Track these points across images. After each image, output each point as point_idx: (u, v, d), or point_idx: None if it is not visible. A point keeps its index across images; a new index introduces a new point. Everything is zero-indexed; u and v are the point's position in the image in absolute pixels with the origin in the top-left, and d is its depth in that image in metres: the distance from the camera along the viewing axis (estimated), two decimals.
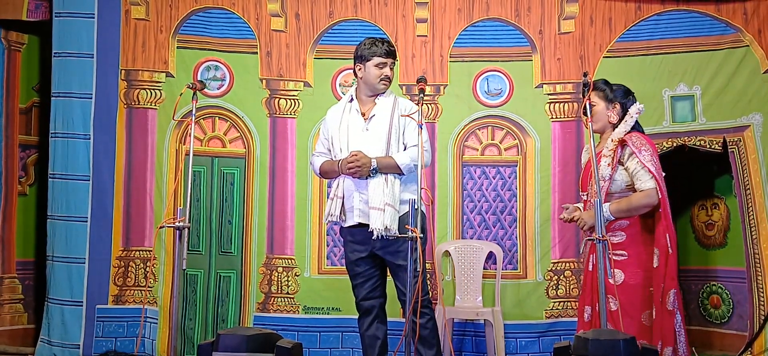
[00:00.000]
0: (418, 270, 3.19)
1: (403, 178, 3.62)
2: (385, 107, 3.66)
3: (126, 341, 4.70)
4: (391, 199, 3.55)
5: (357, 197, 3.61)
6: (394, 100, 3.69)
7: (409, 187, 3.63)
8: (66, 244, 4.68)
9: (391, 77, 3.70)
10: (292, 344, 2.82)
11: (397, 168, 3.57)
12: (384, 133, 3.61)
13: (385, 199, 3.53)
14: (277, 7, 4.93)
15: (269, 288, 4.81)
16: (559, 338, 4.54)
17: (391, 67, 3.69)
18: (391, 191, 3.56)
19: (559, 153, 4.79)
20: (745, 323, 4.45)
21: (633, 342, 2.67)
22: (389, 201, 3.54)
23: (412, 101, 3.66)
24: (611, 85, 3.54)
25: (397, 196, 3.57)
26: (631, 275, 3.35)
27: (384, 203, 3.53)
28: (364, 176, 3.57)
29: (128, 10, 4.86)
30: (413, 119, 3.52)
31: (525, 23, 4.88)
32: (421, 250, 3.46)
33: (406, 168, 3.58)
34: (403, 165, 3.57)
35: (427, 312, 3.56)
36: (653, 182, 3.32)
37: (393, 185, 3.57)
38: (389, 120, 3.62)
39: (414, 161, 3.52)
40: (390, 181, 3.57)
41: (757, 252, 4.37)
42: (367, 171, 3.56)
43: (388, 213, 3.52)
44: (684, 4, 4.70)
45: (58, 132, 4.75)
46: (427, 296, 3.59)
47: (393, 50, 3.72)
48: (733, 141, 4.52)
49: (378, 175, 3.57)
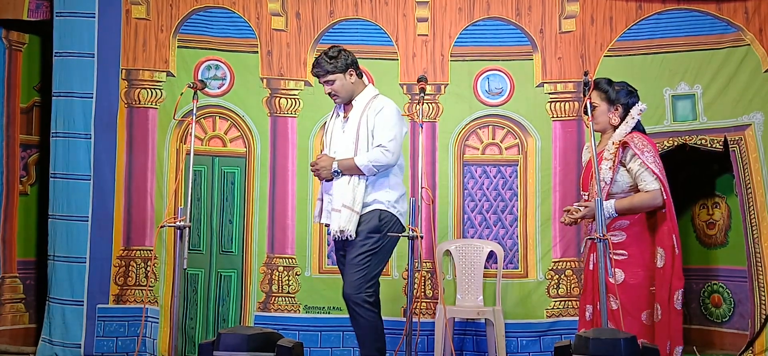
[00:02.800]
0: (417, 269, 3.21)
1: (371, 180, 3.61)
2: (358, 108, 3.68)
3: (127, 340, 4.70)
4: (350, 201, 3.55)
5: (327, 198, 3.70)
6: (369, 100, 3.68)
7: (378, 189, 3.62)
8: (67, 243, 4.68)
9: (334, 92, 3.69)
10: (293, 343, 2.82)
11: (357, 169, 3.57)
12: (354, 133, 3.63)
13: (343, 201, 3.56)
14: (278, 7, 4.93)
15: (270, 287, 4.81)
16: (560, 337, 4.54)
17: (328, 82, 3.68)
18: (352, 192, 3.56)
19: (560, 152, 4.79)
20: (746, 322, 4.45)
21: (634, 341, 2.67)
22: (347, 203, 3.55)
23: (414, 101, 3.67)
24: (614, 85, 3.52)
25: (359, 198, 3.57)
26: (632, 274, 3.34)
27: (341, 204, 3.56)
28: (327, 178, 3.64)
29: (129, 9, 4.86)
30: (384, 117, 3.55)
31: (526, 22, 4.88)
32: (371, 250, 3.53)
33: (365, 169, 3.56)
34: (362, 166, 3.56)
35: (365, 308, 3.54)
36: (658, 184, 3.31)
37: (356, 186, 3.58)
38: (358, 121, 3.63)
39: (373, 162, 3.54)
40: (353, 182, 3.58)
41: (758, 251, 4.37)
42: (328, 174, 3.62)
43: (344, 215, 3.54)
44: (685, 3, 4.70)
45: (59, 132, 4.75)
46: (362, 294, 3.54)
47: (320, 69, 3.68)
48: (734, 140, 4.51)
49: (341, 176, 3.60)
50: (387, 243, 3.64)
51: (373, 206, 3.61)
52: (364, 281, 3.55)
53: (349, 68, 3.69)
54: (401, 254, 4.74)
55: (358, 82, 3.74)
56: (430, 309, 4.74)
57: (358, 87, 3.73)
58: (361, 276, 3.56)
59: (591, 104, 3.32)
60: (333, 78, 3.67)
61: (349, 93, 3.71)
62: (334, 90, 3.69)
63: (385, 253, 3.66)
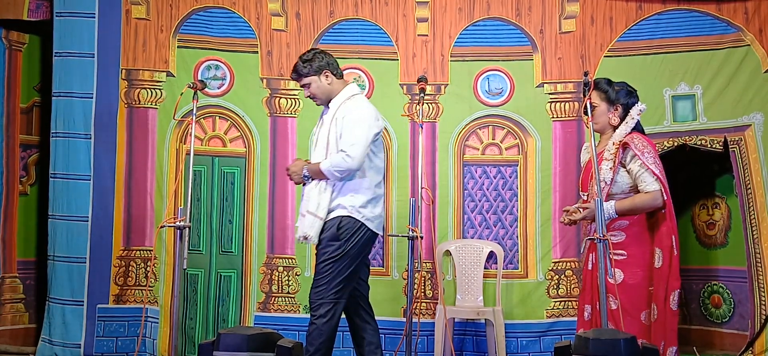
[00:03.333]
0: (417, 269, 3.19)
1: (339, 184, 3.58)
2: (331, 111, 3.67)
3: (127, 340, 4.70)
4: (314, 206, 3.54)
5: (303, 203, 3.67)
6: (342, 102, 3.65)
7: (343, 193, 3.57)
8: (67, 244, 4.68)
9: (312, 95, 3.70)
10: (293, 343, 2.82)
11: (323, 174, 3.55)
12: (325, 137, 3.62)
13: (308, 206, 3.56)
14: (278, 7, 4.93)
15: (270, 287, 4.81)
16: (560, 337, 4.54)
17: (305, 86, 3.69)
18: (317, 197, 3.55)
19: (560, 153, 4.79)
20: (746, 322, 4.45)
21: (634, 342, 2.67)
22: (311, 208, 3.55)
23: (414, 101, 3.66)
24: (614, 85, 3.52)
25: (324, 204, 3.54)
26: (631, 275, 3.34)
27: (306, 210, 3.56)
28: (298, 183, 3.65)
29: (129, 9, 4.87)
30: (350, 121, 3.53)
31: (526, 22, 4.88)
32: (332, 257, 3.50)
33: (328, 174, 3.52)
34: (325, 171, 3.53)
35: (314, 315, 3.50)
36: (658, 184, 3.31)
37: (322, 192, 3.56)
38: (329, 124, 3.62)
39: (334, 168, 3.50)
40: (320, 187, 3.56)
41: (758, 252, 4.37)
42: (298, 178, 3.62)
43: (307, 221, 3.54)
44: (685, 3, 4.70)
45: (59, 132, 4.75)
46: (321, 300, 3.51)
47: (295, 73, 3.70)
48: (734, 141, 4.51)
49: (310, 181, 3.59)
50: (351, 248, 3.54)
51: (336, 212, 3.57)
52: (320, 289, 3.52)
53: (323, 70, 3.66)
54: (401, 255, 4.75)
55: (337, 84, 3.70)
56: (430, 309, 4.74)
57: (336, 88, 3.69)
58: (319, 284, 3.53)
59: (591, 104, 3.32)
60: (308, 81, 3.67)
61: (327, 95, 3.68)
62: (311, 93, 3.69)
63: (350, 258, 3.55)
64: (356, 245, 3.56)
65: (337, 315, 3.55)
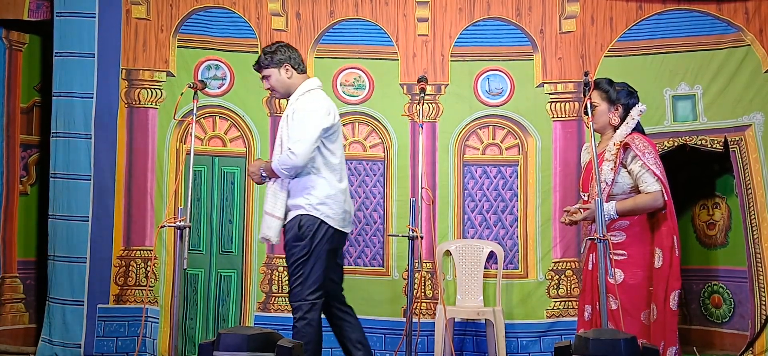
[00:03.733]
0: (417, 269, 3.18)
1: (293, 183, 3.55)
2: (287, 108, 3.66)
3: (127, 340, 4.70)
4: (271, 206, 3.53)
5: None
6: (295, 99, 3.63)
7: (299, 192, 3.54)
8: (67, 243, 4.68)
9: (272, 87, 3.69)
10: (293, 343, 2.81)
11: (274, 173, 3.53)
12: (280, 134, 3.61)
13: (266, 206, 3.55)
14: (278, 7, 4.93)
15: (270, 287, 4.81)
16: (560, 337, 4.54)
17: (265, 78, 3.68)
18: (273, 197, 3.54)
19: (560, 153, 4.79)
20: (747, 322, 4.45)
21: (634, 342, 2.67)
22: (268, 209, 3.55)
23: (414, 101, 3.65)
24: (615, 85, 3.52)
25: (280, 203, 3.53)
26: (631, 275, 3.34)
27: (265, 210, 3.56)
28: (258, 182, 3.63)
29: (129, 9, 4.87)
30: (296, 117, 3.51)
31: (526, 22, 4.88)
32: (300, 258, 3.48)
33: (277, 171, 3.51)
34: (274, 168, 3.51)
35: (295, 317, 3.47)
36: (659, 185, 3.31)
37: (278, 191, 3.54)
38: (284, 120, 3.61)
39: (281, 165, 3.48)
40: (275, 187, 3.55)
41: (759, 252, 4.37)
42: (257, 178, 3.60)
43: (266, 221, 3.54)
44: (685, 3, 4.70)
45: (59, 132, 4.75)
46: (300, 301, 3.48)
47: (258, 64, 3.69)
48: (735, 141, 4.51)
49: (269, 181, 3.58)
50: (316, 246, 3.50)
51: (294, 211, 3.54)
52: (294, 290, 3.51)
53: (284, 64, 3.65)
54: (401, 255, 4.75)
55: (297, 78, 3.67)
56: (430, 309, 4.74)
57: (295, 83, 3.67)
58: (293, 287, 3.52)
59: (591, 104, 3.32)
60: (268, 72, 3.66)
61: (286, 89, 3.67)
62: (271, 85, 3.68)
63: (318, 255, 3.50)
64: (321, 242, 3.51)
65: (317, 316, 3.52)
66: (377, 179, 4.87)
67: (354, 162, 4.87)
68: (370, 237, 4.84)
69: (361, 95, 4.92)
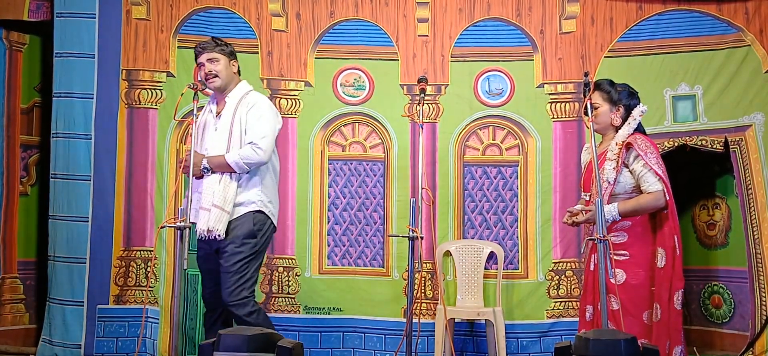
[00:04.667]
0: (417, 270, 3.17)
1: (244, 179, 3.57)
2: (231, 104, 3.66)
3: (127, 341, 4.70)
4: (221, 200, 3.51)
5: (195, 196, 3.62)
6: (242, 96, 3.67)
7: (251, 188, 3.58)
8: (67, 244, 4.68)
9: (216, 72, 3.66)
10: (293, 344, 2.81)
11: (228, 167, 3.53)
12: (227, 130, 3.61)
13: (213, 200, 3.52)
14: (278, 7, 4.93)
15: (270, 287, 4.81)
16: (561, 338, 4.54)
17: (213, 60, 3.66)
18: (222, 191, 3.53)
19: (561, 153, 4.79)
20: (747, 323, 4.45)
21: (634, 342, 2.67)
22: (217, 202, 3.52)
23: (414, 101, 3.65)
24: (616, 86, 3.52)
25: (230, 197, 3.53)
26: (633, 275, 3.34)
27: (211, 203, 3.53)
28: (197, 175, 3.58)
29: (129, 10, 4.87)
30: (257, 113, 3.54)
31: (526, 23, 4.88)
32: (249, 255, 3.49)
33: (236, 166, 3.52)
34: (232, 163, 3.52)
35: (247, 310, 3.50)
36: (661, 185, 3.31)
37: (227, 185, 3.54)
38: (231, 117, 3.61)
39: (244, 159, 3.50)
40: (224, 181, 3.54)
41: (759, 252, 4.37)
42: (199, 171, 3.57)
43: (214, 214, 3.51)
44: (685, 3, 4.70)
45: (60, 132, 4.75)
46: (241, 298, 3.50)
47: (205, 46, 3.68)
48: (735, 141, 4.51)
49: (211, 174, 3.56)
50: (263, 244, 3.61)
51: (246, 207, 3.56)
52: (243, 287, 3.52)
53: (233, 57, 3.73)
54: (401, 255, 4.75)
55: (236, 77, 3.75)
56: (430, 309, 4.74)
57: (234, 80, 3.73)
58: (240, 283, 3.52)
59: (593, 105, 3.33)
60: (219, 57, 3.67)
61: (228, 81, 3.69)
62: (216, 70, 3.66)
63: (261, 254, 3.64)
64: (267, 240, 3.64)
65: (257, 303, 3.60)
66: (377, 180, 4.87)
67: (354, 163, 4.88)
68: (371, 238, 4.84)
69: (361, 96, 4.92)
